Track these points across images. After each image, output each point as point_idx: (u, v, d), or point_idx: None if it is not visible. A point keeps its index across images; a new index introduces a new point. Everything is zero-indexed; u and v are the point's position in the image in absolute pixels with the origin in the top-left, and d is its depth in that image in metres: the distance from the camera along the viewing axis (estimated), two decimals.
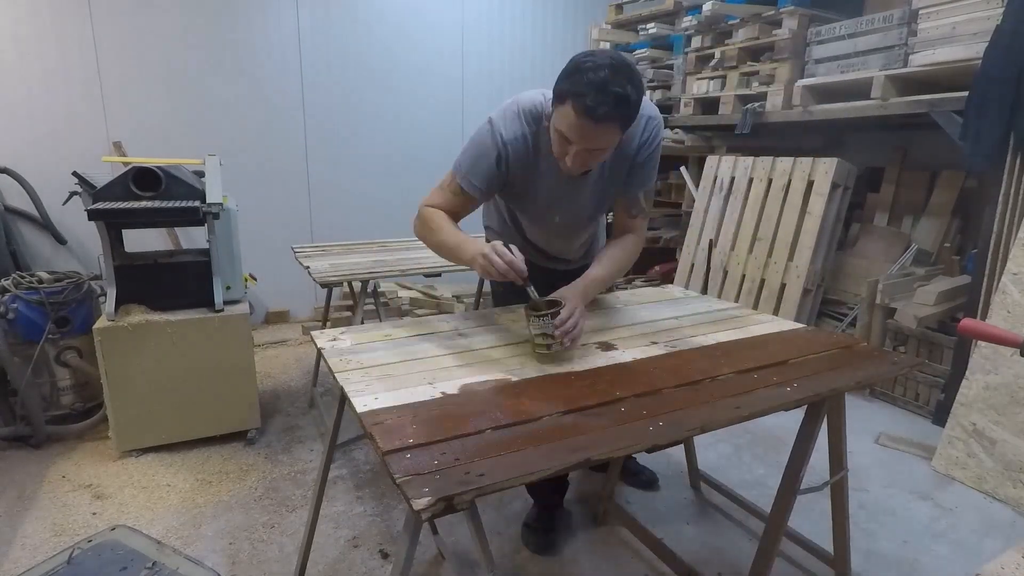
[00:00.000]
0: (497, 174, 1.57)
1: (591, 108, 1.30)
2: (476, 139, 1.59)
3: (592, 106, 1.30)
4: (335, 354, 1.41)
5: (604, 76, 1.29)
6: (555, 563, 1.98)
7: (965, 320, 1.46)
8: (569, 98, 1.33)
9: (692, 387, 1.27)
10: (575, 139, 1.38)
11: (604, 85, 1.29)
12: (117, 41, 3.68)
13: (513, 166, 1.57)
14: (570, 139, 1.39)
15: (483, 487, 0.89)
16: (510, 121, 1.55)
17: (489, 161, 1.55)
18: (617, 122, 1.35)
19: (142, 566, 1.32)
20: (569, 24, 5.12)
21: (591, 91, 1.29)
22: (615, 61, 1.32)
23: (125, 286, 2.49)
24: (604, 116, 1.31)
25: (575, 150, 1.40)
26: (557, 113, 1.39)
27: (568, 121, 1.35)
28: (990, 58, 2.53)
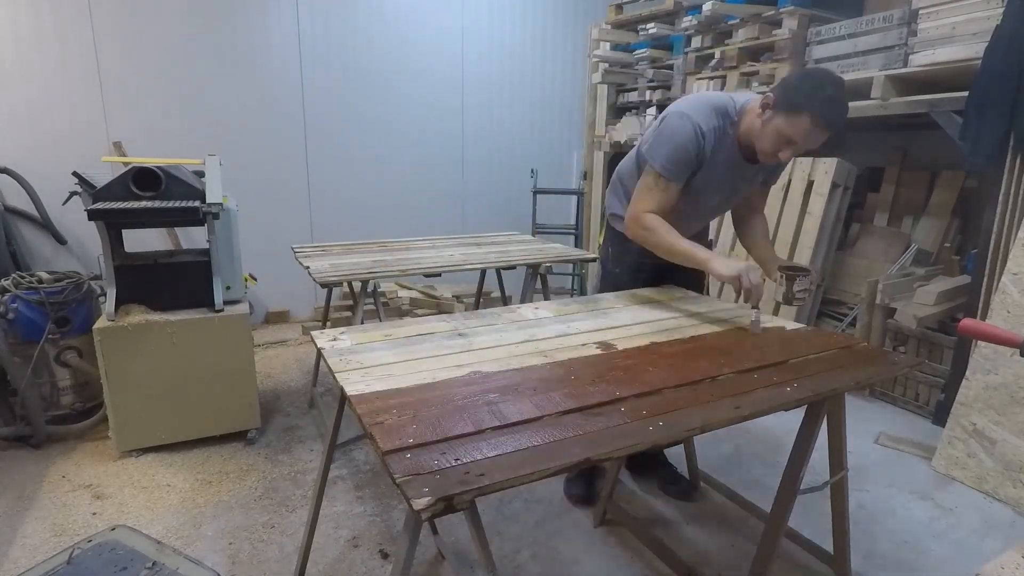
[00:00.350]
0: (697, 161, 1.80)
1: (833, 122, 1.60)
2: (671, 134, 1.79)
3: (835, 121, 1.60)
4: (335, 354, 1.41)
5: (839, 94, 1.59)
6: (555, 563, 1.98)
7: (965, 320, 1.46)
8: (812, 112, 1.59)
9: (692, 387, 1.27)
10: (802, 142, 1.65)
11: (840, 102, 1.59)
12: (117, 41, 3.68)
13: (708, 152, 1.80)
14: (797, 142, 1.65)
15: (483, 487, 0.89)
16: (706, 115, 1.78)
17: (690, 151, 1.78)
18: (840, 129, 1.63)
19: (142, 566, 1.32)
20: (569, 24, 5.13)
21: (832, 109, 1.59)
22: (840, 81, 1.63)
23: (125, 286, 2.49)
24: (837, 125, 1.61)
25: (794, 149, 1.68)
26: (788, 120, 1.63)
27: (803, 129, 1.61)
28: (990, 58, 2.53)
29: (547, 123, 5.24)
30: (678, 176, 1.82)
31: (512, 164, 5.11)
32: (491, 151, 5.04)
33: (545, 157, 5.22)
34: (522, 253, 2.87)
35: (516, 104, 5.05)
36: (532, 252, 2.90)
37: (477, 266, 2.67)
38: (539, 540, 2.09)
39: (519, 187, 5.08)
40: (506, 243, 3.19)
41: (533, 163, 5.06)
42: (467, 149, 4.95)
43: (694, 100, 1.84)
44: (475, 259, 2.71)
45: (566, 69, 5.22)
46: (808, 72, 1.64)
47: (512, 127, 5.08)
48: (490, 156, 5.04)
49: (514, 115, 5.06)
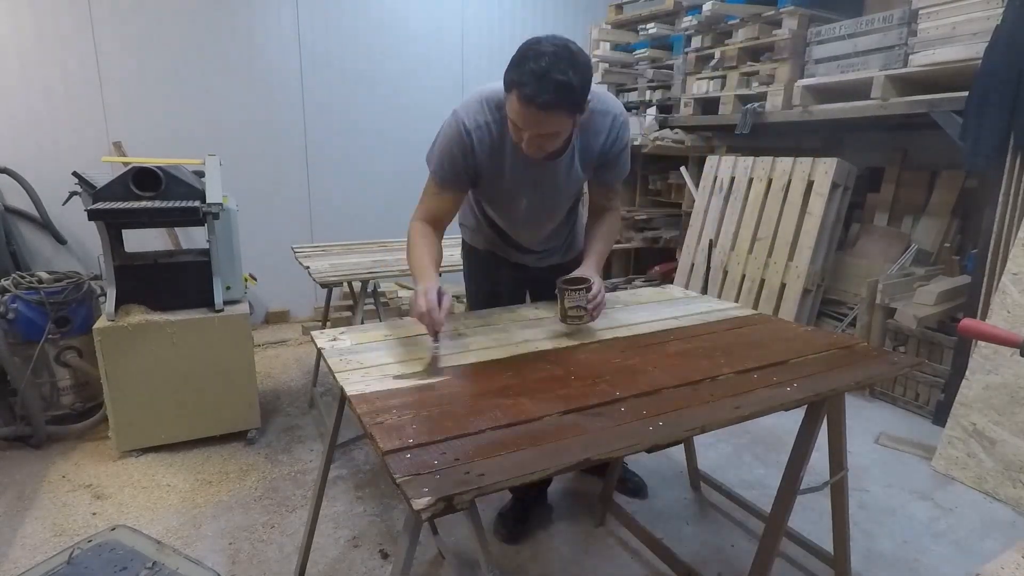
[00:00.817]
0: (465, 164, 1.59)
1: (533, 96, 1.33)
2: (442, 132, 1.62)
3: (533, 94, 1.33)
4: (335, 354, 1.41)
5: (545, 64, 1.31)
6: (555, 563, 1.98)
7: (965, 320, 1.46)
8: (514, 87, 1.36)
9: (692, 387, 1.27)
10: (523, 126, 1.41)
11: (546, 73, 1.31)
12: (117, 42, 3.68)
13: (479, 154, 1.59)
14: (520, 126, 1.42)
15: (483, 487, 0.89)
16: (473, 110, 1.57)
17: (456, 152, 1.58)
18: (563, 109, 1.37)
19: (142, 566, 1.32)
20: (569, 24, 5.12)
21: (533, 80, 1.32)
22: (558, 48, 1.34)
23: (125, 286, 2.49)
24: (547, 104, 1.34)
25: (527, 136, 1.43)
26: (507, 102, 1.42)
27: (515, 109, 1.39)
28: (990, 58, 2.53)
29: None
30: (449, 179, 1.62)
31: None
32: None
33: None
34: None
35: None
36: None
37: None
38: (539, 540, 2.09)
39: None
40: None
41: None
42: None
43: (472, 94, 1.63)
44: None
45: None
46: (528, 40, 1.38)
47: None
48: None
49: None
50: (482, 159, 1.59)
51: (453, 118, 1.59)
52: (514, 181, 1.65)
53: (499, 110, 1.55)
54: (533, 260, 1.93)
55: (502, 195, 1.71)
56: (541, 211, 1.76)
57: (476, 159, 1.59)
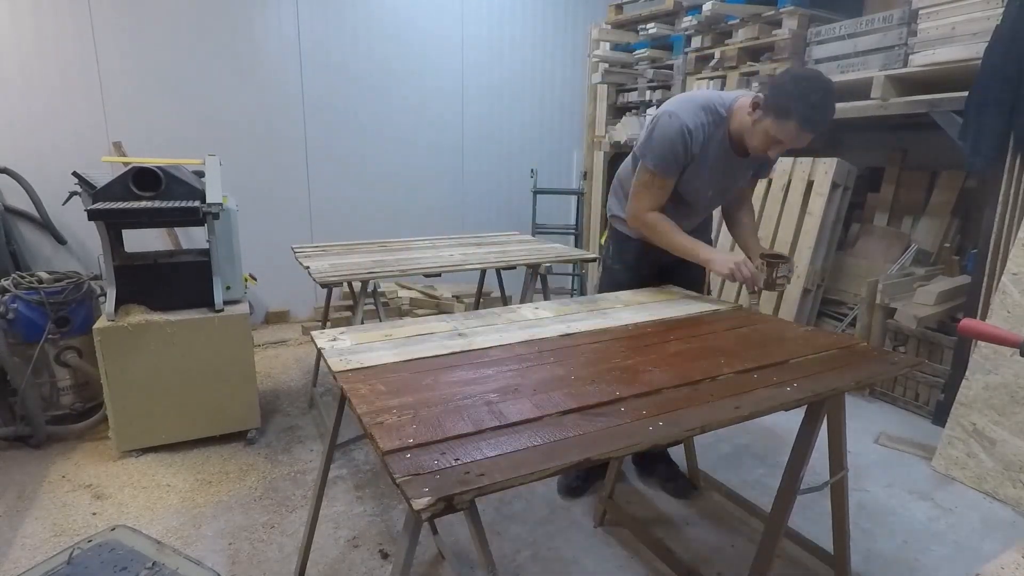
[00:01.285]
0: (684, 155, 1.90)
1: (816, 126, 1.69)
2: (661, 133, 1.90)
3: (817, 125, 1.69)
4: (335, 354, 1.41)
5: (823, 100, 1.66)
6: (555, 563, 1.98)
7: (965, 320, 1.46)
8: (795, 114, 1.67)
9: (692, 387, 1.27)
10: (789, 142, 1.75)
11: (824, 107, 1.67)
12: (117, 41, 3.68)
13: (694, 148, 1.89)
14: (783, 142, 1.75)
15: (483, 487, 0.89)
16: (692, 113, 1.87)
17: (678, 147, 1.88)
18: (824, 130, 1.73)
19: (142, 566, 1.32)
20: (569, 24, 5.13)
21: (815, 114, 1.66)
22: (828, 85, 1.69)
23: (125, 286, 2.49)
24: (820, 129, 1.70)
25: (781, 148, 1.78)
26: (776, 122, 1.71)
27: (789, 131, 1.70)
28: (990, 58, 2.53)
29: (547, 123, 5.24)
30: (669, 172, 1.92)
31: (512, 164, 5.11)
32: (491, 150, 5.04)
33: (545, 157, 5.22)
34: (522, 253, 2.87)
35: (516, 103, 5.05)
36: (532, 252, 2.90)
37: (477, 266, 2.67)
38: (539, 540, 2.09)
39: (519, 187, 5.08)
40: (506, 243, 3.19)
41: (533, 163, 5.06)
42: (467, 148, 4.94)
43: (682, 99, 1.95)
44: (475, 259, 2.71)
45: (566, 69, 5.22)
46: (797, 76, 1.70)
47: (512, 126, 5.08)
48: (490, 156, 5.04)
49: (514, 114, 5.06)
50: (695, 153, 1.90)
51: (675, 120, 1.87)
52: (711, 173, 1.96)
53: (710, 114, 1.88)
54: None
55: (697, 185, 1.99)
56: (718, 199, 2.12)
57: (691, 152, 1.89)
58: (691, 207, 2.09)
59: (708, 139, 1.89)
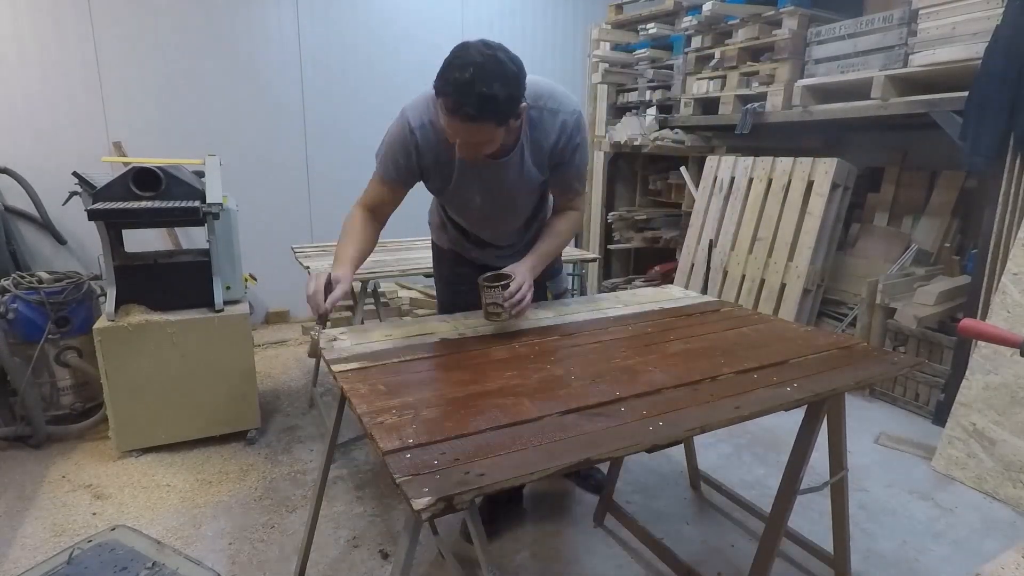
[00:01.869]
0: (408, 161, 1.60)
1: (456, 108, 1.32)
2: (390, 128, 1.63)
3: (457, 106, 1.31)
4: (335, 354, 1.41)
5: (469, 76, 1.29)
6: (555, 563, 1.98)
7: (965, 320, 1.46)
8: (440, 96, 1.34)
9: (692, 387, 1.27)
10: (451, 134, 1.41)
11: (470, 86, 1.29)
12: (117, 41, 3.68)
13: (424, 152, 1.59)
14: (449, 132, 1.41)
15: (483, 487, 0.89)
16: (420, 109, 1.57)
17: (399, 148, 1.59)
18: (488, 120, 1.35)
19: (142, 566, 1.32)
20: (569, 24, 5.12)
21: (456, 91, 1.30)
22: (485, 59, 1.31)
23: (125, 286, 2.49)
24: (470, 116, 1.32)
25: (459, 142, 1.42)
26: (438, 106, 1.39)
27: (443, 117, 1.38)
28: (990, 58, 2.53)
29: None
30: (391, 174, 1.64)
31: None
32: None
33: None
34: None
35: None
36: None
37: None
38: (539, 540, 2.09)
39: None
40: None
41: None
42: None
43: (422, 92, 1.59)
44: None
45: (566, 69, 5.21)
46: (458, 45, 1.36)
47: None
48: None
49: None
50: (427, 157, 1.60)
51: (400, 116, 1.60)
52: (463, 179, 1.65)
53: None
54: (494, 259, 1.88)
55: (454, 193, 1.71)
56: (496, 209, 1.75)
57: (420, 157, 1.60)
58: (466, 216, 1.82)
59: (443, 140, 1.52)
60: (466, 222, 1.85)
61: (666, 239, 4.57)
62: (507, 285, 1.54)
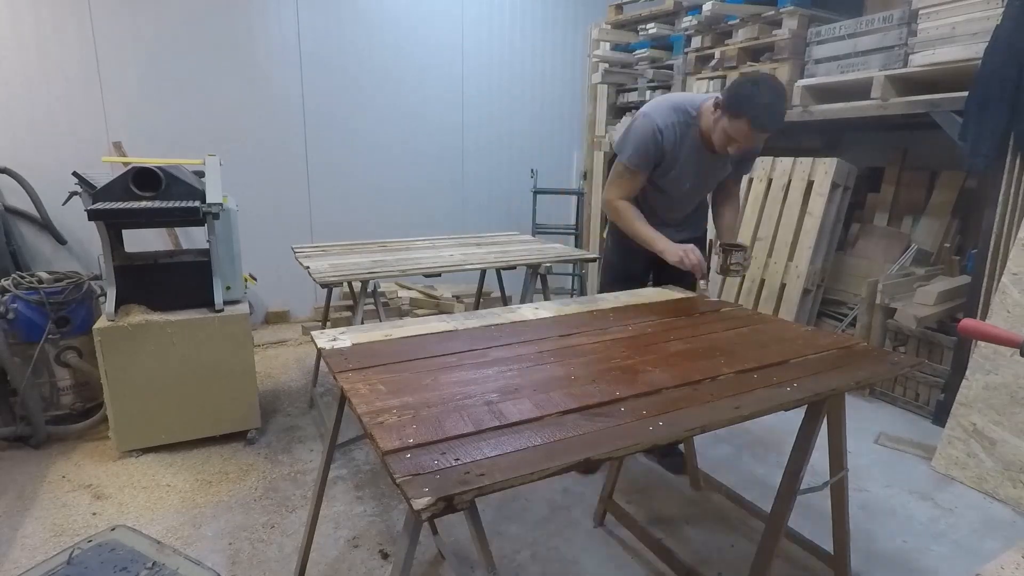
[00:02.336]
0: (657, 153, 2.10)
1: (766, 125, 1.87)
2: (635, 132, 2.12)
3: (765, 124, 1.87)
4: (335, 354, 1.41)
5: (772, 101, 1.84)
6: (555, 563, 1.98)
7: (965, 320, 1.46)
8: (746, 115, 1.85)
9: (692, 387, 1.27)
10: (743, 140, 1.92)
11: (772, 108, 1.84)
12: (117, 41, 3.68)
13: (666, 145, 2.09)
14: (739, 140, 1.92)
15: (483, 487, 0.89)
16: (664, 113, 2.08)
17: (649, 143, 2.09)
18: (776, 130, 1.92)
19: (142, 566, 1.32)
20: (569, 23, 5.13)
21: (765, 113, 1.84)
22: (779, 89, 1.89)
23: (125, 286, 2.49)
24: (771, 128, 1.89)
25: (738, 145, 1.95)
26: (731, 122, 1.90)
27: (742, 130, 1.88)
28: (990, 58, 2.53)
29: (547, 123, 5.24)
30: (641, 166, 2.13)
31: (512, 164, 5.11)
32: (491, 151, 5.03)
33: (545, 157, 5.22)
34: (522, 253, 2.87)
35: (516, 104, 5.05)
36: (532, 252, 2.90)
37: (477, 266, 2.67)
38: (539, 540, 2.09)
39: (519, 187, 5.08)
40: (506, 243, 3.19)
41: (533, 163, 5.06)
42: (467, 149, 4.94)
43: (656, 101, 2.15)
44: (475, 259, 2.71)
45: (566, 69, 5.22)
46: (750, 79, 1.88)
47: (512, 127, 5.08)
48: (490, 155, 5.04)
49: (514, 115, 5.06)
50: (667, 150, 2.10)
51: (647, 120, 2.08)
52: (685, 168, 2.15)
53: (682, 114, 2.08)
54: (670, 234, 2.24)
55: (674, 178, 2.18)
56: (697, 191, 2.29)
57: (663, 149, 2.09)
58: (671, 198, 2.27)
59: (680, 137, 2.08)
60: (667, 201, 2.29)
61: None
62: (743, 248, 2.12)
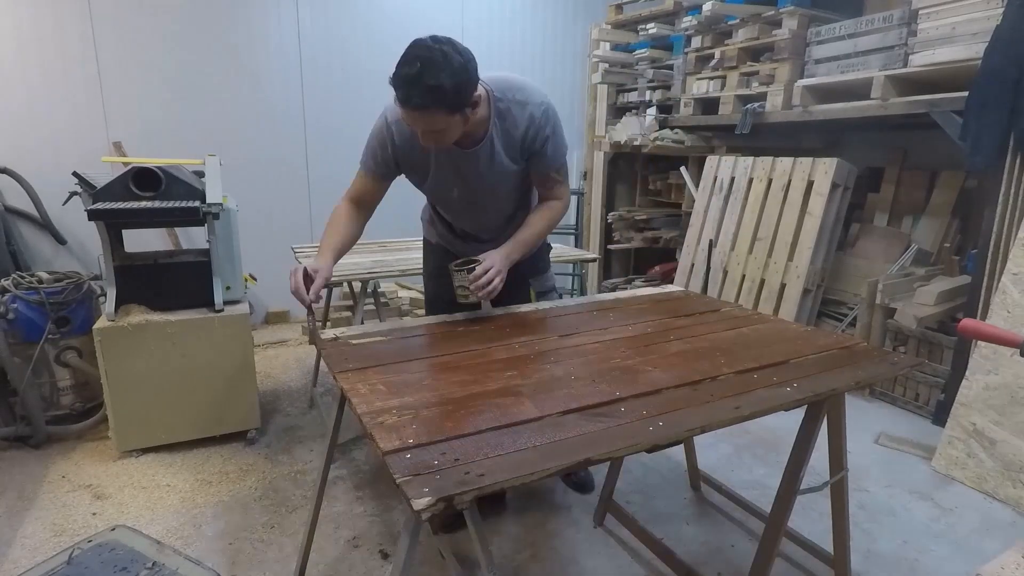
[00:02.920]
0: (385, 154, 1.71)
1: (406, 99, 1.43)
2: (374, 125, 1.74)
3: (406, 98, 1.42)
4: (335, 354, 1.41)
5: (417, 69, 1.39)
6: (555, 563, 1.98)
7: (965, 320, 1.46)
8: (394, 89, 1.45)
9: (692, 387, 1.27)
10: (408, 123, 1.53)
11: (417, 79, 1.39)
12: (117, 41, 3.68)
13: (400, 144, 1.69)
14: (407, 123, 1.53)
15: (483, 487, 0.89)
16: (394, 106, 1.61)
17: (376, 143, 1.72)
18: (438, 109, 1.44)
19: (142, 566, 1.32)
20: (569, 24, 5.12)
21: (404, 84, 1.41)
22: (432, 52, 1.41)
23: (125, 286, 2.49)
24: (419, 105, 1.42)
25: (419, 131, 1.53)
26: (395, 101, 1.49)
27: (400, 110, 1.49)
28: (990, 58, 2.53)
29: None
30: (370, 167, 1.75)
31: None
32: None
33: None
34: None
35: None
36: None
37: None
38: (539, 540, 2.09)
39: None
40: None
41: None
42: None
43: None
44: None
45: (566, 69, 5.21)
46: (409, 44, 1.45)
47: None
48: None
49: None
50: (403, 149, 1.70)
51: (381, 113, 1.72)
52: (440, 171, 1.74)
53: None
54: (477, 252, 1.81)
55: (433, 185, 1.81)
56: (474, 199, 1.84)
57: (396, 149, 1.70)
58: (452, 210, 1.92)
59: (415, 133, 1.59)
60: (448, 214, 1.95)
61: (666, 239, 4.58)
62: (472, 269, 1.63)
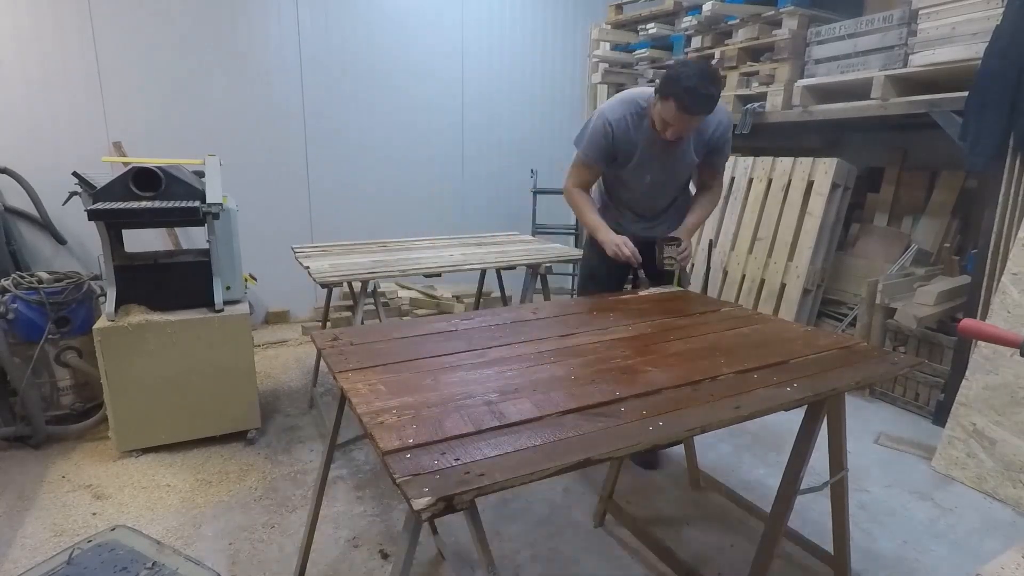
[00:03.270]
0: (607, 147, 2.18)
1: (689, 107, 1.91)
2: (591, 126, 2.21)
3: (690, 106, 1.91)
4: (335, 354, 1.41)
5: (695, 83, 1.86)
6: (555, 563, 1.98)
7: (965, 320, 1.46)
8: (672, 98, 1.91)
9: (692, 387, 1.27)
10: (674, 123, 1.98)
11: (697, 89, 1.87)
12: (117, 41, 3.68)
13: (618, 139, 2.16)
14: (670, 122, 1.98)
15: (483, 487, 0.89)
16: (614, 107, 2.17)
17: (603, 138, 2.17)
18: (703, 114, 1.98)
19: (142, 566, 1.32)
20: (569, 23, 5.12)
21: (688, 95, 1.88)
22: (702, 69, 1.92)
23: (125, 286, 2.49)
24: (698, 112, 1.95)
25: (672, 129, 2.00)
26: (663, 104, 1.96)
27: (671, 114, 1.94)
28: (990, 58, 2.53)
29: (547, 123, 5.23)
30: (593, 158, 2.22)
31: (512, 164, 5.11)
32: (491, 151, 5.03)
33: (545, 157, 5.21)
34: (522, 253, 2.87)
35: (516, 104, 5.05)
36: (532, 252, 2.90)
37: (477, 266, 2.67)
38: (539, 540, 2.09)
39: (519, 187, 5.08)
40: (506, 243, 3.19)
41: (533, 163, 5.06)
42: (467, 149, 4.94)
43: (612, 98, 2.24)
44: (475, 259, 2.71)
45: (566, 69, 5.22)
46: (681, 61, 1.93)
47: (512, 127, 5.07)
48: (490, 156, 5.03)
49: (514, 115, 5.06)
50: (620, 142, 2.17)
51: (599, 116, 2.18)
52: (643, 159, 2.20)
53: (634, 106, 2.14)
54: (642, 229, 2.37)
55: (634, 170, 2.23)
56: (661, 183, 2.30)
57: (615, 142, 2.17)
58: (636, 191, 2.33)
59: (633, 128, 2.14)
60: (634, 194, 2.35)
61: None
62: (679, 243, 2.17)
